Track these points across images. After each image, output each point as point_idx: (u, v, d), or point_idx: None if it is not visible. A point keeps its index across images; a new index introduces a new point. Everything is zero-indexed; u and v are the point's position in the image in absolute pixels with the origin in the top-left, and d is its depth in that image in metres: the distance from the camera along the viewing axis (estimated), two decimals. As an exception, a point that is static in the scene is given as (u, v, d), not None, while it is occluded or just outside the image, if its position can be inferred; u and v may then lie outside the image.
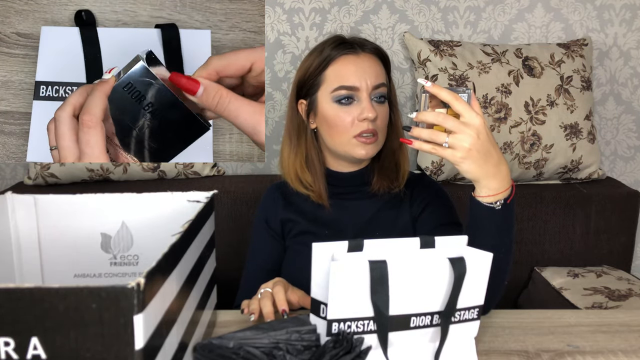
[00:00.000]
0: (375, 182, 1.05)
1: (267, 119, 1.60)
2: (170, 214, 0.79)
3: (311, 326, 0.68)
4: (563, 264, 1.47)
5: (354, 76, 0.98)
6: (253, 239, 1.10)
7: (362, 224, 1.05)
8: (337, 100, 0.99)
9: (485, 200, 0.83)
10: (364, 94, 0.98)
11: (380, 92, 1.00)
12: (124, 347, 0.46)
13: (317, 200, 1.05)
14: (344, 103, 0.99)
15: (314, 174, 1.04)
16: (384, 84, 1.01)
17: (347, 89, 0.98)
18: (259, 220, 1.10)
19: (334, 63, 1.00)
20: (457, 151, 0.78)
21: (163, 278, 0.53)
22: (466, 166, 0.80)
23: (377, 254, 0.67)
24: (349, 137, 0.99)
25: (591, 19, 1.59)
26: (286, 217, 1.08)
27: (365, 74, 0.98)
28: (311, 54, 1.05)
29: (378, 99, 1.00)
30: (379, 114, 0.99)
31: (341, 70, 0.99)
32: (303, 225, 1.06)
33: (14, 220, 0.78)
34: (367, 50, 1.02)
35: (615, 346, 0.78)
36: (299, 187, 1.06)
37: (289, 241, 1.07)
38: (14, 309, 0.44)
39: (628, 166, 1.69)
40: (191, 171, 1.50)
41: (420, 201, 1.05)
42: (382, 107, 1.01)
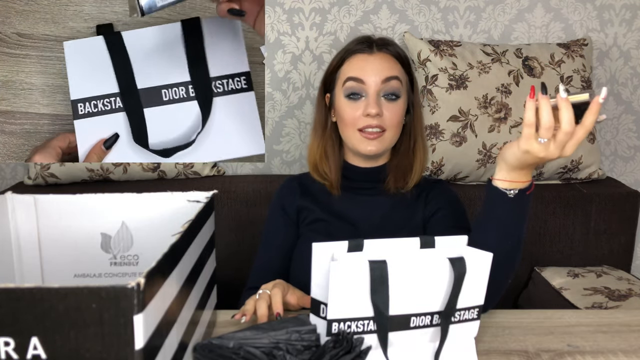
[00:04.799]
0: (389, 181, 1.08)
1: (267, 119, 1.60)
2: (170, 214, 0.79)
3: (311, 326, 0.68)
4: (563, 264, 1.47)
5: (363, 70, 1.02)
6: (267, 226, 1.13)
7: (374, 219, 1.07)
8: (347, 95, 1.03)
9: (501, 185, 0.83)
10: (372, 90, 1.01)
11: (390, 87, 1.02)
12: (124, 347, 0.46)
13: (331, 190, 1.09)
14: (352, 98, 1.02)
15: (331, 165, 1.09)
16: (396, 77, 1.02)
17: (353, 80, 1.01)
18: (274, 207, 1.13)
19: (349, 60, 1.04)
20: (549, 148, 0.75)
21: (163, 278, 0.53)
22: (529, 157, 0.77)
23: (377, 254, 0.67)
24: (354, 131, 1.03)
25: (591, 19, 1.59)
26: (303, 205, 1.11)
27: (374, 70, 1.01)
28: (338, 51, 1.09)
29: (388, 97, 1.02)
30: (388, 111, 1.01)
31: (353, 65, 1.03)
32: (317, 213, 1.09)
33: (14, 220, 0.78)
34: (383, 50, 1.04)
35: (615, 346, 0.78)
36: (316, 176, 1.11)
37: (303, 228, 1.10)
38: (14, 309, 0.44)
39: (628, 166, 1.69)
40: (191, 171, 1.50)
41: (435, 204, 1.08)
42: (393, 104, 1.02)
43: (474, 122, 1.44)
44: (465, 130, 1.44)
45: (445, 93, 1.45)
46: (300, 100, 1.59)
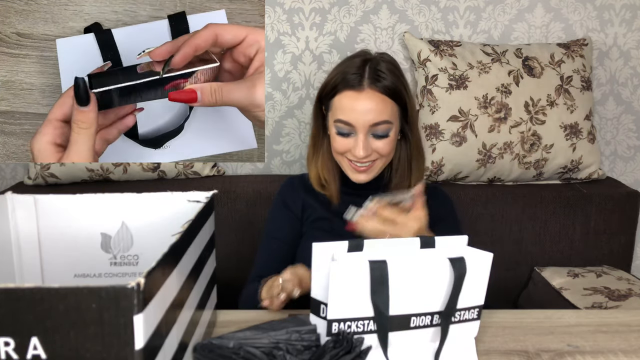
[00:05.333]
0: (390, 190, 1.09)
1: (267, 119, 1.60)
2: (170, 214, 0.79)
3: (311, 326, 0.68)
4: (563, 264, 1.47)
5: (352, 113, 1.01)
6: (269, 224, 1.14)
7: None
8: (337, 132, 1.04)
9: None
10: (360, 131, 1.01)
11: (379, 130, 1.02)
12: (124, 347, 0.45)
13: (331, 200, 1.11)
14: (342, 135, 1.03)
15: (328, 177, 1.11)
16: (387, 121, 1.01)
17: (344, 124, 1.02)
18: (277, 204, 1.15)
19: (339, 94, 1.03)
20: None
21: (163, 278, 0.53)
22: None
23: (377, 254, 0.67)
24: (344, 159, 1.05)
25: (591, 19, 1.59)
26: (307, 202, 1.13)
27: (363, 112, 1.00)
28: (337, 67, 1.07)
29: (377, 136, 1.02)
30: (378, 148, 1.03)
31: (342, 105, 1.02)
32: (320, 212, 1.10)
33: (14, 220, 0.78)
34: (373, 87, 1.00)
35: (615, 346, 0.78)
36: (316, 186, 1.12)
37: (306, 226, 1.12)
38: (14, 309, 0.44)
39: (628, 166, 1.69)
40: (191, 171, 1.50)
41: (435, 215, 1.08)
42: (382, 141, 1.03)
43: (474, 122, 1.44)
44: (465, 130, 1.44)
45: (445, 93, 1.45)
46: (300, 100, 1.59)
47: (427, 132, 1.47)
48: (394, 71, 1.04)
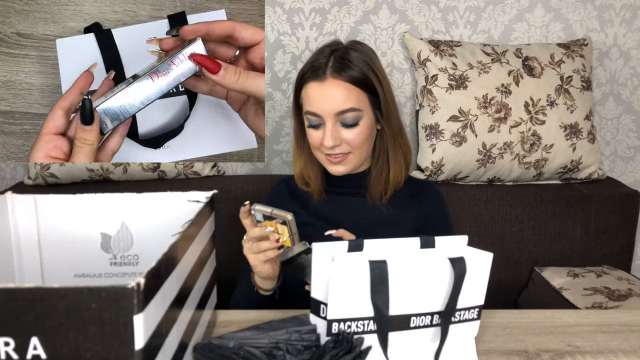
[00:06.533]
0: (370, 192, 1.08)
1: (267, 119, 1.60)
2: (170, 214, 0.79)
3: (311, 326, 0.68)
4: (563, 264, 1.47)
5: (317, 103, 1.00)
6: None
7: (361, 223, 1.06)
8: (309, 125, 1.04)
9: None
10: (328, 121, 1.00)
11: (346, 118, 1.00)
12: (124, 347, 0.45)
13: (314, 197, 1.10)
14: (313, 127, 1.03)
15: (311, 174, 1.10)
16: (353, 109, 0.99)
17: (312, 115, 1.02)
18: None
19: (306, 86, 1.02)
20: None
21: (163, 278, 0.53)
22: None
23: (377, 254, 0.67)
24: (320, 153, 1.05)
25: (591, 19, 1.59)
26: (290, 208, 1.09)
27: (327, 101, 0.99)
28: (308, 61, 1.05)
29: (346, 125, 1.00)
30: (348, 135, 1.01)
31: (309, 95, 1.02)
32: (304, 217, 1.08)
33: (14, 220, 0.78)
34: (336, 76, 0.99)
35: (615, 346, 0.78)
36: (301, 185, 1.11)
37: None
38: (14, 309, 0.44)
39: (628, 166, 1.69)
40: (191, 171, 1.50)
41: (425, 214, 1.09)
42: (352, 130, 1.01)
43: (474, 122, 1.44)
44: (465, 130, 1.44)
45: (445, 93, 1.45)
46: (300, 100, 1.59)
47: (427, 132, 1.47)
48: (364, 59, 1.01)
